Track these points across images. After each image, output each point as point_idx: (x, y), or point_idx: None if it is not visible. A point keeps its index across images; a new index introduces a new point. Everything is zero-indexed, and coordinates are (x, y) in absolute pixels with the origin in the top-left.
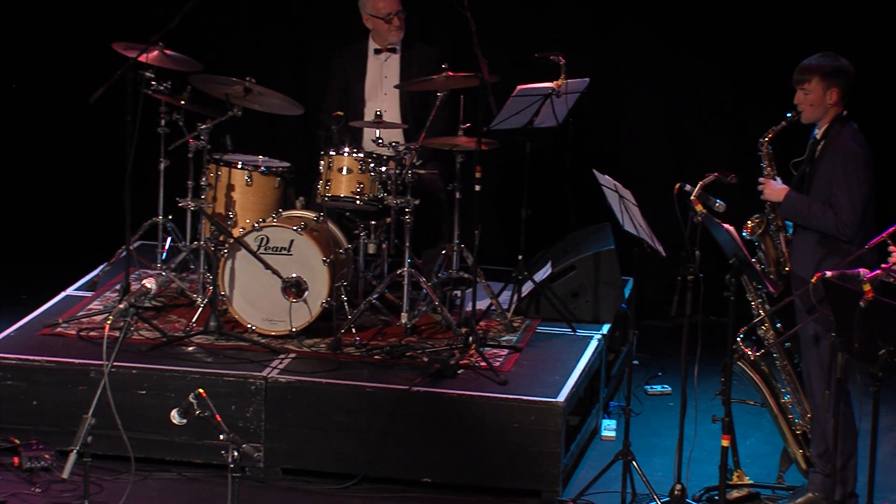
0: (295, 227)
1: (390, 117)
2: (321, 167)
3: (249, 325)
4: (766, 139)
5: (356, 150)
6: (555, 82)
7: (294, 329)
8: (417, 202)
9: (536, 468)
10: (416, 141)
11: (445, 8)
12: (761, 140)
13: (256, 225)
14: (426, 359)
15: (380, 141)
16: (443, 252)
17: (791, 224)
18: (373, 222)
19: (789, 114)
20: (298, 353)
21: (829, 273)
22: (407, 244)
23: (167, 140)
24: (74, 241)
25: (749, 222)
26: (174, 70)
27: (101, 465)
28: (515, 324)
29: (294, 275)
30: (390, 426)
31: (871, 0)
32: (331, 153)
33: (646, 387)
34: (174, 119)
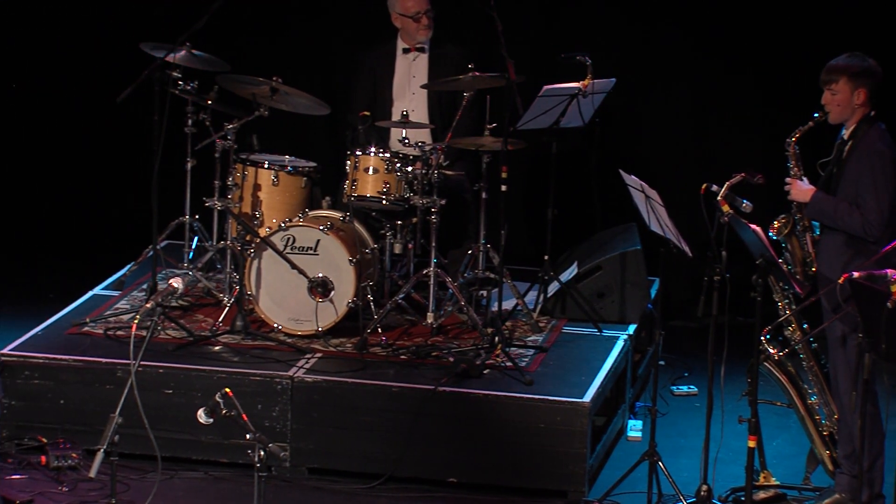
0: (321, 227)
1: (418, 117)
2: (348, 167)
3: (276, 325)
4: (794, 139)
5: (382, 150)
6: (581, 82)
7: (320, 329)
8: (444, 202)
9: (562, 468)
10: (443, 141)
11: (472, 8)
12: (788, 140)
13: (283, 224)
14: (452, 359)
15: (406, 141)
16: (469, 252)
17: (818, 224)
18: (399, 222)
19: (816, 114)
20: (325, 353)
21: (857, 274)
22: (433, 244)
23: (194, 140)
24: (102, 241)
25: (776, 222)
26: (201, 70)
27: (128, 464)
28: (541, 324)
29: (320, 274)
30: (416, 426)
31: None
32: (357, 153)
33: (672, 387)
34: (201, 119)
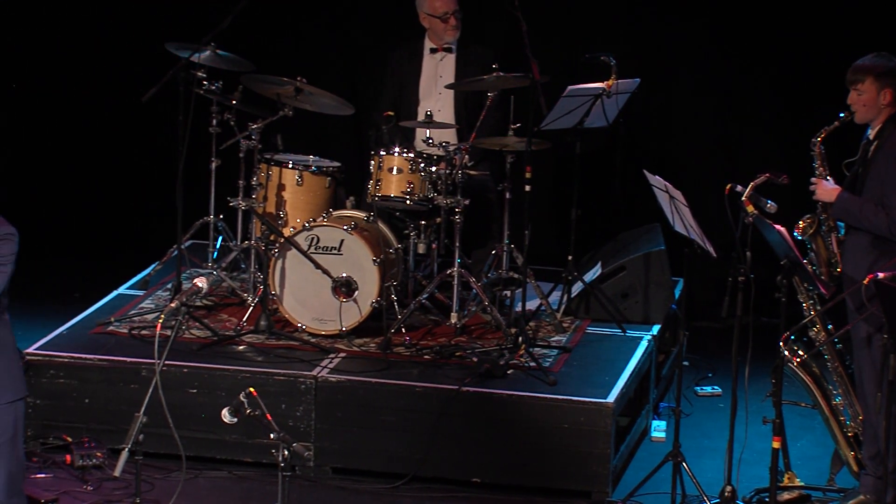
0: (345, 227)
1: (444, 117)
2: (371, 167)
3: (300, 325)
4: (819, 139)
5: (406, 150)
6: (605, 82)
7: (344, 328)
8: (467, 202)
9: (586, 469)
10: (467, 141)
11: (496, 8)
12: (814, 140)
13: (307, 224)
14: (476, 359)
15: (430, 141)
16: (493, 252)
17: (843, 225)
18: (423, 222)
19: (842, 114)
20: (348, 353)
21: (882, 274)
22: (457, 244)
23: (219, 140)
24: (126, 240)
25: (801, 222)
26: (226, 70)
27: (153, 464)
28: (565, 324)
29: (344, 274)
30: (440, 426)
31: None
32: (381, 153)
33: (696, 388)
34: (226, 119)
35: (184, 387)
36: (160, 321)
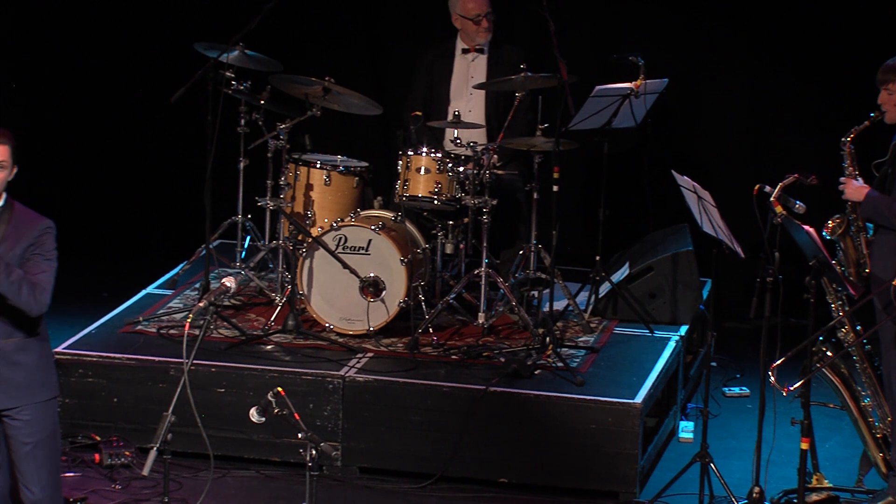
0: (373, 227)
1: (475, 118)
2: (399, 167)
3: (327, 325)
4: (849, 139)
5: (434, 150)
6: (633, 83)
7: (371, 328)
8: (495, 202)
9: (614, 469)
10: (495, 141)
11: (524, 8)
12: (844, 140)
13: (335, 224)
14: (503, 359)
15: (458, 141)
16: (520, 252)
17: (871, 225)
18: (450, 222)
19: (872, 114)
20: (376, 353)
21: None
22: (484, 244)
23: (247, 139)
24: (155, 240)
25: (829, 223)
26: (254, 70)
27: (181, 463)
28: (593, 325)
29: (372, 274)
30: (467, 426)
31: None
32: (409, 153)
33: (724, 388)
34: (254, 119)
35: (212, 386)
36: (188, 320)
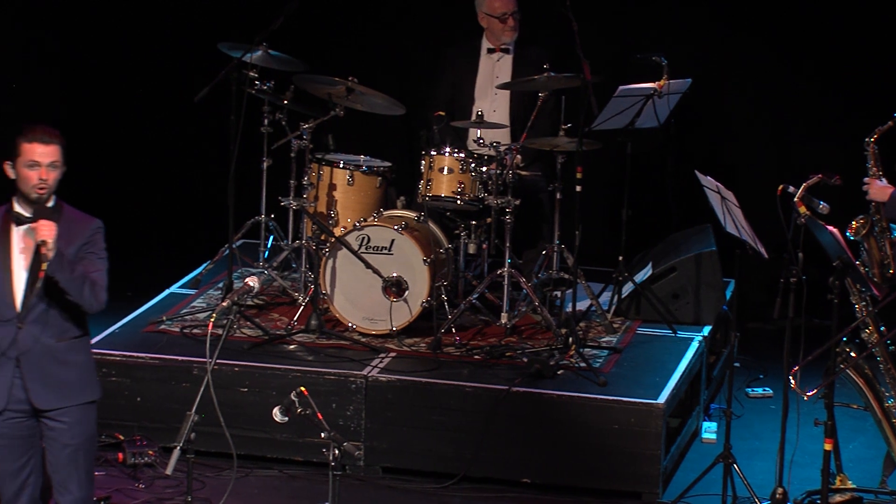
0: (396, 227)
1: (499, 118)
2: (422, 167)
3: (350, 324)
4: (873, 139)
5: (457, 150)
6: (657, 83)
7: (394, 328)
8: (518, 202)
9: (636, 470)
10: (518, 141)
11: (548, 8)
12: (868, 140)
13: (358, 224)
14: (526, 359)
15: (481, 141)
16: (543, 252)
17: None
18: (473, 222)
19: None
20: (398, 353)
21: None
22: (507, 244)
23: (270, 139)
24: (178, 240)
25: (853, 223)
26: (277, 70)
27: (204, 462)
28: (615, 325)
29: (395, 274)
30: (490, 426)
31: None
32: (432, 153)
33: (747, 389)
34: (277, 118)
35: (235, 385)
36: (212, 320)
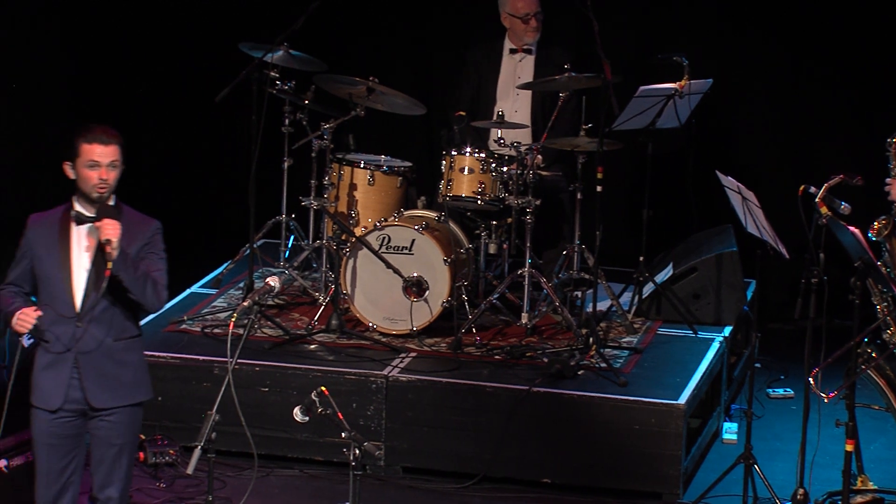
0: (416, 227)
1: (521, 118)
2: (443, 167)
3: (371, 324)
4: (894, 139)
5: (478, 150)
6: (678, 83)
7: (415, 328)
8: (539, 202)
9: (657, 470)
10: (539, 142)
11: (569, 7)
12: (889, 140)
13: (378, 224)
14: (546, 359)
15: (501, 141)
16: (564, 252)
17: None
18: (494, 222)
19: None
20: (419, 353)
21: None
22: (528, 244)
23: (291, 139)
24: (199, 239)
25: (875, 224)
26: (298, 70)
27: (225, 462)
28: (636, 325)
29: (415, 274)
30: (510, 426)
31: None
32: (453, 153)
33: (768, 390)
34: (298, 118)
35: (256, 385)
36: (233, 320)
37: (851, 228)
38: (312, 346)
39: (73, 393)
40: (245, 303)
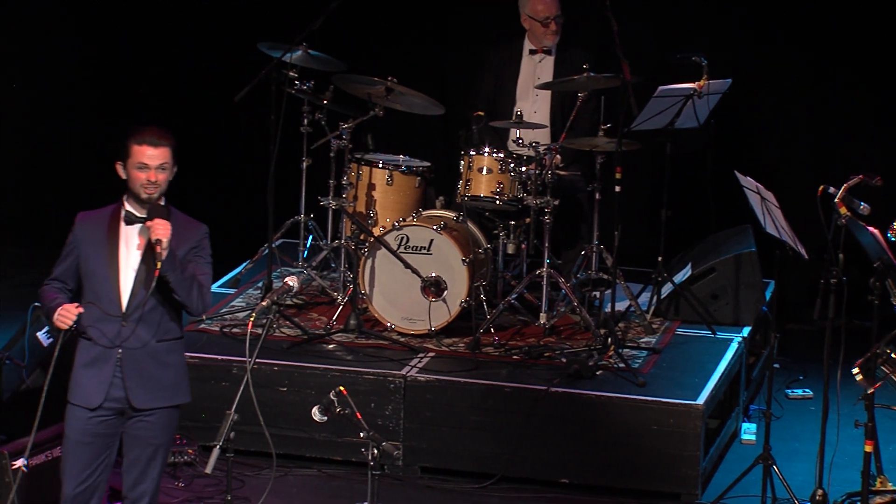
0: (435, 227)
1: (540, 118)
2: (461, 167)
3: (389, 324)
4: None
5: (496, 150)
6: (696, 83)
7: (433, 328)
8: (557, 202)
9: (675, 471)
10: (558, 142)
11: (588, 7)
12: None
13: (397, 224)
14: (565, 359)
15: (520, 141)
16: (582, 253)
17: None
18: (512, 222)
19: None
20: (437, 353)
21: None
22: (546, 244)
23: (310, 139)
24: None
25: (894, 224)
26: (317, 70)
27: (244, 461)
28: (654, 325)
29: (433, 274)
30: (528, 426)
31: None
32: (471, 153)
33: (787, 390)
34: (317, 118)
35: (274, 385)
36: (251, 319)
37: (871, 229)
38: (331, 346)
39: (115, 392)
40: (264, 302)
